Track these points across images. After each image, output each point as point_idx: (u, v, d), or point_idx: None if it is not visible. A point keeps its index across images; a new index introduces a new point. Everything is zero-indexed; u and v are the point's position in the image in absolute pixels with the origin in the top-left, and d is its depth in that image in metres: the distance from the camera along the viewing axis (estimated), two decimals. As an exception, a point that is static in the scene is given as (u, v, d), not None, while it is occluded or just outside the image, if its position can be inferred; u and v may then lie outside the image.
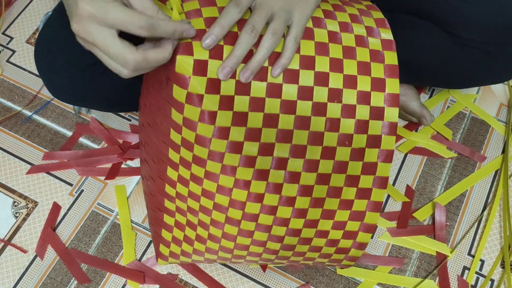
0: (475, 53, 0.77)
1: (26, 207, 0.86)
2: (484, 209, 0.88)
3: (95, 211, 0.86)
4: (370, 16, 0.65)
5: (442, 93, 0.97)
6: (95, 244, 0.84)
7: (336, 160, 0.61)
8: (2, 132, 0.92)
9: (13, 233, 0.85)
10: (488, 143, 0.94)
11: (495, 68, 0.79)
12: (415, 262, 0.84)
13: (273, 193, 0.62)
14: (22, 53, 1.00)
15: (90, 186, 0.88)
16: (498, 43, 0.75)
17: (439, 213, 0.86)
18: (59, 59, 0.73)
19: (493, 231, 0.86)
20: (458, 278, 0.82)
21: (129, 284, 0.81)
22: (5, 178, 0.89)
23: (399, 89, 0.90)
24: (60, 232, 0.85)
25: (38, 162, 0.90)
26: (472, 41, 0.76)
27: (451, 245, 0.85)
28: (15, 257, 0.83)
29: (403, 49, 0.81)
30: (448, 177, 0.91)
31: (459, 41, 0.77)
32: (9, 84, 0.96)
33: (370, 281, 0.82)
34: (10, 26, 1.02)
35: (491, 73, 0.81)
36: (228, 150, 0.59)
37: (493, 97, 0.98)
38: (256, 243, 0.66)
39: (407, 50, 0.80)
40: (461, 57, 0.78)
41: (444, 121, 0.95)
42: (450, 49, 0.78)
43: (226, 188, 0.61)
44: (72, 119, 0.93)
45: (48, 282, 0.81)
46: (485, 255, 0.85)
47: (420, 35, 0.79)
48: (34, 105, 0.94)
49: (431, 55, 0.79)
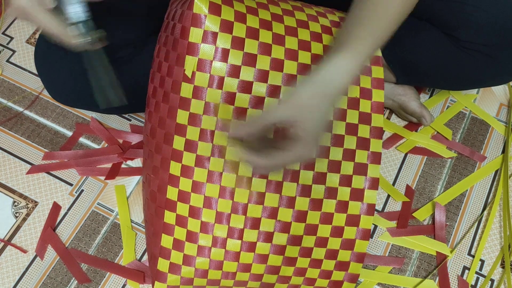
0: (475, 55, 0.77)
1: (26, 207, 0.86)
2: (484, 209, 0.88)
3: (95, 211, 0.86)
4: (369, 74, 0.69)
5: (442, 93, 0.97)
6: (95, 244, 0.84)
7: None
8: (2, 132, 0.92)
9: (13, 233, 0.85)
10: (488, 143, 0.94)
11: (495, 70, 0.79)
12: (415, 262, 0.84)
13: (268, 218, 0.66)
14: (22, 53, 1.00)
15: (90, 186, 0.88)
16: (499, 45, 0.75)
17: (439, 213, 0.86)
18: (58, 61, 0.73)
19: (493, 231, 0.86)
20: (458, 278, 0.82)
21: (129, 284, 0.81)
22: (5, 178, 0.89)
23: (400, 89, 0.90)
24: (60, 232, 0.85)
25: (38, 162, 0.90)
26: (472, 43, 0.76)
27: (451, 245, 0.85)
28: (15, 257, 0.83)
29: (403, 51, 0.81)
30: (448, 177, 0.90)
31: (459, 43, 0.77)
32: (9, 84, 0.96)
33: (370, 281, 0.82)
34: (10, 26, 1.02)
35: (492, 75, 0.81)
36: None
37: (493, 97, 0.98)
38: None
39: (407, 52, 0.81)
40: (461, 59, 0.78)
41: (444, 121, 0.95)
42: (450, 51, 0.78)
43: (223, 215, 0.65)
44: (72, 119, 0.93)
45: (48, 282, 0.81)
46: (485, 255, 0.85)
47: (421, 37, 0.79)
48: (34, 105, 0.94)
49: (431, 57, 0.79)
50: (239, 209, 0.64)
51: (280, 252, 0.67)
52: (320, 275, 0.70)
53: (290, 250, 0.67)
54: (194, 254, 0.65)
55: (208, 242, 0.65)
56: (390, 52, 0.81)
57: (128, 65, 0.73)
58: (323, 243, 0.68)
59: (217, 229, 0.64)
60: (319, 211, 0.67)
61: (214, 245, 0.65)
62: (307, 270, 0.69)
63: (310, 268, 0.69)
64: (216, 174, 0.63)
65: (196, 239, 0.65)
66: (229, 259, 0.66)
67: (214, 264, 0.66)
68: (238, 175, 0.64)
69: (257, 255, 0.66)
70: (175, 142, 0.63)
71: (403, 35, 0.80)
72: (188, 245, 0.65)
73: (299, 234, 0.67)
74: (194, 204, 0.64)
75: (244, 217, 0.65)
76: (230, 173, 0.63)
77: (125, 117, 0.94)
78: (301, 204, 0.66)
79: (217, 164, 0.63)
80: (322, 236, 0.68)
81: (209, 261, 0.66)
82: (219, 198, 0.64)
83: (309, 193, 0.66)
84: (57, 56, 0.73)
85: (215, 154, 0.63)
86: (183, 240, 0.65)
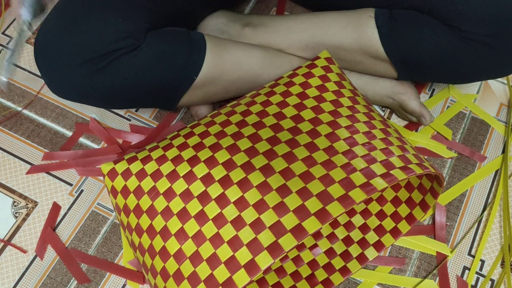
0: (477, 46, 0.77)
1: (26, 207, 0.86)
2: (484, 209, 0.88)
3: (95, 211, 0.86)
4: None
5: (442, 92, 0.97)
6: (95, 244, 0.84)
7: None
8: (2, 132, 0.92)
9: (13, 233, 0.85)
10: (488, 143, 0.93)
11: (496, 61, 0.79)
12: (415, 262, 0.84)
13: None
14: (22, 53, 1.00)
15: (90, 186, 0.88)
16: (500, 35, 0.75)
17: (439, 213, 0.86)
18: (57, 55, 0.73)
19: (493, 231, 0.86)
20: (457, 278, 0.82)
21: (129, 284, 0.81)
22: (5, 178, 0.89)
23: (400, 88, 0.90)
24: (60, 232, 0.85)
25: (38, 162, 0.90)
26: (473, 34, 0.76)
27: (451, 245, 0.85)
28: (15, 257, 0.83)
29: (404, 44, 0.81)
30: (448, 177, 0.90)
31: (460, 34, 0.76)
32: (9, 84, 0.96)
33: (370, 281, 0.82)
34: (10, 26, 1.02)
35: (493, 67, 0.81)
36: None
37: (493, 97, 0.98)
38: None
39: (408, 44, 0.81)
40: (462, 50, 0.78)
41: (444, 121, 0.95)
42: (451, 43, 0.78)
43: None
44: (72, 119, 0.93)
45: (48, 282, 0.81)
46: (485, 255, 0.85)
47: (421, 29, 0.79)
48: (34, 105, 0.94)
49: (432, 49, 0.79)
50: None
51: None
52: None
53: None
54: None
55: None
56: (392, 47, 0.81)
57: (128, 56, 0.73)
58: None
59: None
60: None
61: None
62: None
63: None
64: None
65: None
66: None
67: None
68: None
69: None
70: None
71: (404, 29, 0.80)
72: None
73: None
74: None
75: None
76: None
77: (125, 117, 0.94)
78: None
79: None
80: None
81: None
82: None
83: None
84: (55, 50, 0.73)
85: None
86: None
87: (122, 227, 0.69)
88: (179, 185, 0.63)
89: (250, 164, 0.62)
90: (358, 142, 0.65)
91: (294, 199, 0.58)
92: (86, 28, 0.71)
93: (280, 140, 0.65)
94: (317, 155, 0.63)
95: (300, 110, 0.69)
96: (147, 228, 0.63)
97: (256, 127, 0.67)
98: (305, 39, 0.87)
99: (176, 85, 0.78)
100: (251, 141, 0.65)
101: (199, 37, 0.80)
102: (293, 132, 0.66)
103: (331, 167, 0.62)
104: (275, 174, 0.61)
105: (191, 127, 0.70)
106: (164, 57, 0.75)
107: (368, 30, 0.82)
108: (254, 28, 0.90)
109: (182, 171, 0.64)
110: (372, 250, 0.80)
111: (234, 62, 0.82)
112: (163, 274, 0.60)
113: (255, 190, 0.60)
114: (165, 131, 0.92)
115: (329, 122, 0.67)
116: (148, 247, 0.63)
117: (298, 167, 0.61)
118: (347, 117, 0.69)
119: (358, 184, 0.60)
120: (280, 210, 0.58)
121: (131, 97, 0.78)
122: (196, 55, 0.78)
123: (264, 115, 0.68)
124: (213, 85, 0.82)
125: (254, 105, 0.70)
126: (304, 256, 0.80)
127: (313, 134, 0.65)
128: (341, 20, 0.85)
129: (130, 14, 0.74)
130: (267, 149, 0.64)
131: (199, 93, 0.82)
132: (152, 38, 0.75)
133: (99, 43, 0.71)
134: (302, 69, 0.75)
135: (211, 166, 0.63)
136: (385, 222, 0.81)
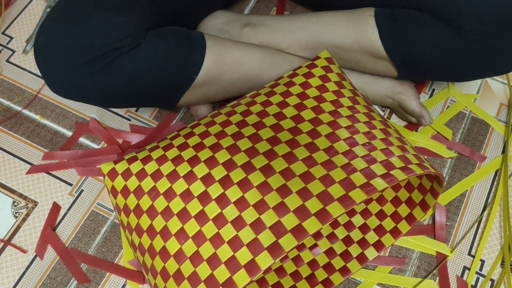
0: (477, 46, 0.77)
1: (26, 207, 0.86)
2: (484, 209, 0.88)
3: (95, 211, 0.86)
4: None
5: (442, 92, 0.97)
6: (95, 244, 0.84)
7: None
8: (2, 132, 0.92)
9: (13, 233, 0.85)
10: (488, 143, 0.93)
11: (496, 60, 0.79)
12: (415, 262, 0.84)
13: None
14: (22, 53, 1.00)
15: (90, 186, 0.88)
16: (500, 35, 0.75)
17: (439, 213, 0.86)
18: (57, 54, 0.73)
19: (493, 231, 0.86)
20: (457, 278, 0.82)
21: (129, 284, 0.81)
22: (5, 178, 0.89)
23: (400, 88, 0.90)
24: (60, 232, 0.85)
25: (38, 162, 0.90)
26: (473, 33, 0.76)
27: (451, 245, 0.85)
28: (15, 257, 0.83)
29: (404, 43, 0.81)
30: (448, 177, 0.90)
31: (461, 33, 0.77)
32: (9, 84, 0.96)
33: (370, 281, 0.82)
34: (10, 26, 1.02)
35: (493, 66, 0.81)
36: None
37: (493, 97, 0.98)
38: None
39: (408, 44, 0.81)
40: (462, 50, 0.78)
41: (444, 121, 0.95)
42: (451, 42, 0.78)
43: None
44: (71, 119, 0.93)
45: (48, 282, 0.81)
46: (485, 255, 0.85)
47: (421, 28, 0.79)
48: (34, 105, 0.94)
49: (432, 48, 0.79)
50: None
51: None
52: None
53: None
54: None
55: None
56: (392, 46, 0.81)
57: (128, 56, 0.73)
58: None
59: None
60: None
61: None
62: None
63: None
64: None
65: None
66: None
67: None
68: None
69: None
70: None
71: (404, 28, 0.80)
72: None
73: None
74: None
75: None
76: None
77: (125, 116, 0.94)
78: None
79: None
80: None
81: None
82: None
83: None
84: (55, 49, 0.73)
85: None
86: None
87: (122, 227, 0.69)
88: (179, 185, 0.63)
89: (250, 164, 0.62)
90: (358, 142, 0.65)
91: (294, 199, 0.58)
92: (86, 28, 0.71)
93: (280, 140, 0.65)
94: (317, 155, 0.63)
95: (300, 110, 0.69)
96: (147, 228, 0.63)
97: (256, 127, 0.67)
98: (305, 39, 0.87)
99: (176, 85, 0.78)
100: (251, 141, 0.65)
101: (199, 37, 0.80)
102: (293, 132, 0.66)
103: (331, 167, 0.62)
104: (276, 174, 0.61)
105: (191, 127, 0.70)
106: (164, 56, 0.75)
107: (368, 29, 0.82)
108: (254, 28, 0.90)
109: (182, 171, 0.64)
110: (372, 250, 0.80)
111: (234, 62, 0.82)
112: (163, 274, 0.60)
113: (255, 190, 0.60)
114: (165, 131, 0.92)
115: (329, 122, 0.67)
116: (148, 247, 0.63)
117: (298, 167, 0.61)
118: (347, 117, 0.69)
119: (358, 185, 0.60)
120: (281, 210, 0.58)
121: (131, 96, 0.78)
122: (196, 54, 0.78)
123: (264, 115, 0.68)
124: (213, 85, 0.82)
125: (254, 105, 0.70)
126: (304, 256, 0.80)
127: (313, 134, 0.65)
128: (341, 19, 0.85)
129: (130, 14, 0.74)
130: (267, 149, 0.64)
131: (199, 92, 0.82)
132: (152, 38, 0.75)
133: (99, 43, 0.71)
134: (302, 69, 0.75)
135: (211, 166, 0.63)
136: (385, 222, 0.81)
